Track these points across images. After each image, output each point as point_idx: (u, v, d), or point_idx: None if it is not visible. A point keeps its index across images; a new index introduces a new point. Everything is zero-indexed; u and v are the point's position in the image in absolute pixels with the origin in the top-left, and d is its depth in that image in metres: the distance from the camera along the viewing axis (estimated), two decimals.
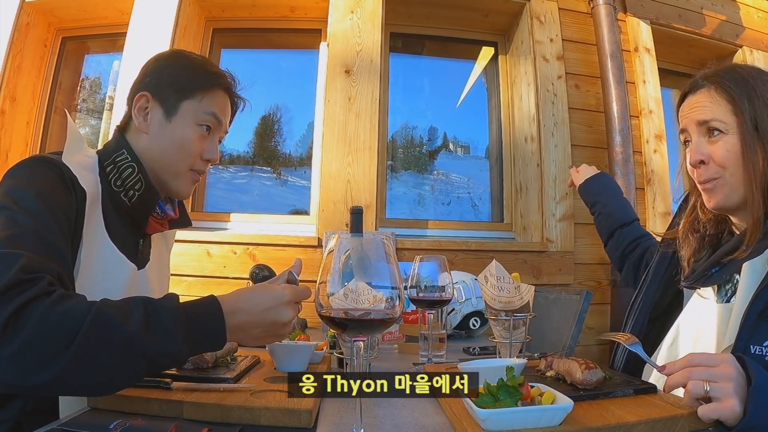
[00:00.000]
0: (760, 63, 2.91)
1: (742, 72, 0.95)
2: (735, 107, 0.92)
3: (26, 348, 0.63)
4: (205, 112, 1.03)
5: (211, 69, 1.09)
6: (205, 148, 1.05)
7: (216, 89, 1.06)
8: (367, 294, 0.66)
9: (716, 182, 0.95)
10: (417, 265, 1.20)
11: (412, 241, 2.34)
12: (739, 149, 0.91)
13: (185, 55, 1.11)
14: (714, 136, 0.94)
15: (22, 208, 0.78)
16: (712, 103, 0.94)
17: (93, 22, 2.69)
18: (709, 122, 0.94)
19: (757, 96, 0.91)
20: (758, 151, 0.89)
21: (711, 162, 0.94)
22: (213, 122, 1.05)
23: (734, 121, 0.91)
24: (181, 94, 1.02)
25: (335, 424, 0.74)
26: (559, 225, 2.42)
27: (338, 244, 0.66)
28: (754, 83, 0.92)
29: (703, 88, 0.97)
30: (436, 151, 2.93)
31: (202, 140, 1.04)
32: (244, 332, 0.78)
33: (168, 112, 1.02)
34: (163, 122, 1.02)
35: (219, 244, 2.25)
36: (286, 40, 2.85)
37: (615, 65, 2.49)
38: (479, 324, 1.80)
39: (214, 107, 1.05)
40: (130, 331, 0.68)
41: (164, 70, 1.05)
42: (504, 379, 0.71)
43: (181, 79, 1.03)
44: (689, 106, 0.99)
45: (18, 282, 0.66)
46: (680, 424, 0.69)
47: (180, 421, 0.71)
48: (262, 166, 2.78)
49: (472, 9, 2.72)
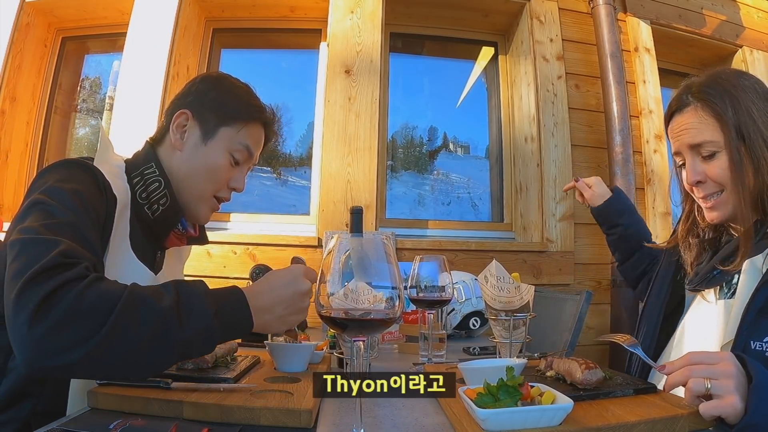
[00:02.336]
0: (760, 63, 2.91)
1: (724, 83, 0.96)
2: (722, 123, 0.93)
3: (59, 327, 0.64)
4: (240, 143, 1.05)
5: (254, 102, 1.10)
6: (233, 177, 1.08)
7: (255, 123, 1.08)
8: (367, 294, 0.66)
9: (717, 200, 0.97)
10: (417, 265, 1.20)
11: (412, 241, 2.34)
12: (732, 165, 0.93)
13: (231, 81, 1.12)
14: (707, 156, 0.96)
15: (59, 203, 0.79)
16: (700, 123, 0.96)
17: (93, 22, 2.69)
18: (701, 145, 0.96)
19: (740, 105, 0.92)
20: (747, 165, 0.91)
21: (708, 180, 0.97)
22: (245, 154, 1.07)
23: (724, 139, 0.93)
24: (222, 120, 1.04)
25: (335, 424, 0.74)
26: (559, 225, 2.42)
27: (338, 244, 0.66)
28: (736, 92, 0.93)
29: (690, 106, 0.98)
30: (436, 151, 2.93)
31: (231, 169, 1.06)
32: (269, 313, 0.80)
33: (205, 134, 1.03)
34: (198, 143, 1.03)
35: (219, 244, 2.25)
36: (286, 40, 2.85)
37: (615, 65, 2.49)
38: (479, 324, 1.80)
39: (250, 140, 1.07)
40: (163, 308, 0.69)
41: (209, 92, 1.06)
42: (504, 379, 0.71)
43: (225, 105, 1.05)
44: (679, 127, 1.01)
45: (57, 265, 0.67)
46: (680, 424, 0.69)
47: (180, 421, 0.71)
48: (262, 166, 2.78)
49: (472, 9, 2.72)
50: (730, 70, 1.01)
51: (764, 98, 0.94)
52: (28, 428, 0.85)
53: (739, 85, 0.94)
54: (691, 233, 1.09)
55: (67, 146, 2.74)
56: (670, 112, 1.04)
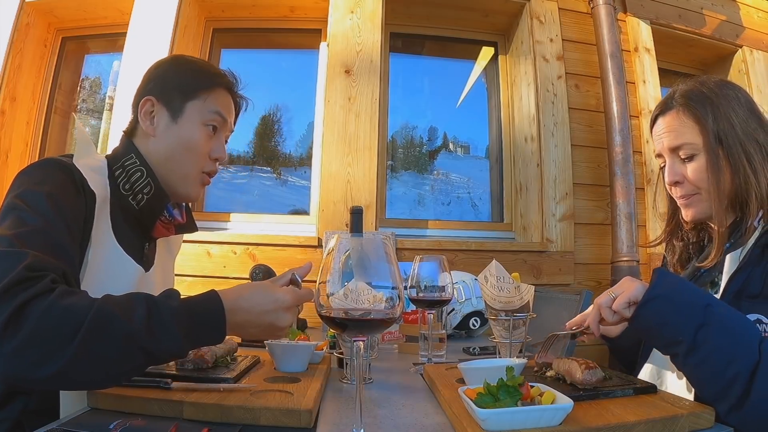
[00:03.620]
0: (760, 63, 2.91)
1: (707, 90, 1.01)
2: (701, 127, 0.99)
3: (28, 343, 0.64)
4: (210, 111, 1.05)
5: (212, 70, 1.11)
6: (213, 148, 1.07)
7: (218, 88, 1.08)
8: (367, 294, 0.66)
9: (693, 198, 1.03)
10: (417, 265, 1.20)
11: (412, 241, 2.34)
12: (710, 168, 0.98)
13: (186, 58, 1.14)
14: (686, 158, 1.02)
15: (31, 208, 0.79)
16: (681, 126, 1.02)
17: (93, 22, 2.69)
18: (680, 148, 1.02)
19: (720, 112, 0.98)
20: (723, 168, 0.97)
21: (686, 181, 1.03)
22: (218, 121, 1.07)
23: (702, 143, 0.99)
24: (186, 95, 1.04)
25: (335, 424, 0.74)
26: (559, 225, 2.42)
27: (338, 244, 0.66)
28: (718, 100, 0.99)
29: (672, 109, 1.04)
30: (436, 151, 2.93)
31: (209, 140, 1.06)
32: (242, 329, 0.80)
33: (174, 113, 1.03)
34: (169, 124, 1.03)
35: (219, 244, 2.25)
36: (286, 40, 2.85)
37: (615, 65, 2.49)
38: (479, 324, 1.80)
39: (219, 106, 1.07)
40: (132, 327, 0.68)
41: (167, 73, 1.07)
42: (504, 379, 0.71)
43: (185, 80, 1.05)
44: (661, 129, 1.06)
45: (22, 279, 0.67)
46: (680, 424, 0.70)
47: (180, 421, 0.71)
48: (262, 166, 2.78)
49: (472, 9, 2.72)
50: (715, 79, 1.06)
51: (746, 108, 1.00)
52: (20, 427, 0.85)
53: (722, 94, 1.00)
54: (674, 235, 1.16)
55: (66, 146, 2.74)
56: (655, 115, 1.10)
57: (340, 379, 1.02)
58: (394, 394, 0.92)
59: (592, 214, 2.47)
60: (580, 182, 2.48)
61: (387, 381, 1.03)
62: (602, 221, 2.46)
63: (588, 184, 2.50)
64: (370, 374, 1.06)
